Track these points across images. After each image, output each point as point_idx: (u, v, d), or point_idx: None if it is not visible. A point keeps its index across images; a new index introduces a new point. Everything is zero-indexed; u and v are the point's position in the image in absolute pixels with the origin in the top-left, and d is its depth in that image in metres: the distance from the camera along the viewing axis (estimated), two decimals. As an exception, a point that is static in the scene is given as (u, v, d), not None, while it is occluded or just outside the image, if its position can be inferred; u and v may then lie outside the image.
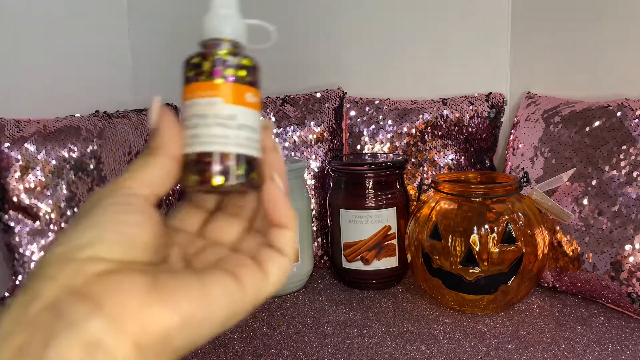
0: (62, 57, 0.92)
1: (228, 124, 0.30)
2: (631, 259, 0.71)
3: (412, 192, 0.94)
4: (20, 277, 0.78)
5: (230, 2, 0.34)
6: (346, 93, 0.99)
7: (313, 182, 0.95)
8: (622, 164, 0.74)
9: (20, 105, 0.86)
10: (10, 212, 0.78)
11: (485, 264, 0.71)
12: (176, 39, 1.02)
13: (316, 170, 0.95)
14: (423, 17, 0.98)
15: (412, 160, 0.95)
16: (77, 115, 0.87)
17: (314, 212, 0.94)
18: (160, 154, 0.29)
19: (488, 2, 0.96)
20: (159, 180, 0.29)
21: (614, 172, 0.74)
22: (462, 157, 0.94)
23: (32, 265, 0.78)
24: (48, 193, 0.79)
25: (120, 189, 0.27)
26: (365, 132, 0.95)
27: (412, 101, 0.97)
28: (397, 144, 0.95)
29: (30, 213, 0.79)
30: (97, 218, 0.25)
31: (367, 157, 0.90)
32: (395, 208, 0.82)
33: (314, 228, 0.94)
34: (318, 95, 0.97)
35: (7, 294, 0.77)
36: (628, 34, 0.81)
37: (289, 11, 1.01)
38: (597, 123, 0.78)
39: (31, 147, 0.79)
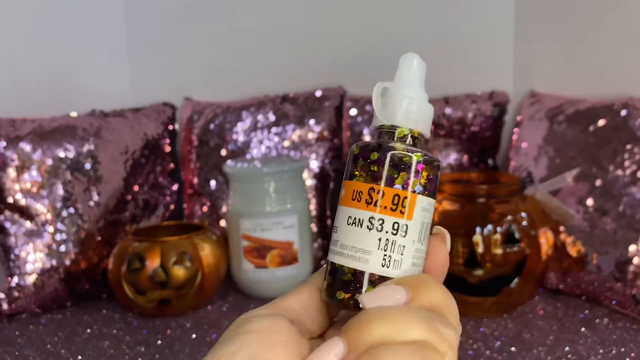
0: (58, 55, 0.91)
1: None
2: (636, 259, 0.70)
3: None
4: (15, 279, 0.77)
5: (417, 79, 0.28)
6: (347, 91, 0.98)
7: (313, 182, 0.94)
8: (627, 163, 0.73)
9: (15, 104, 0.85)
10: (6, 212, 0.77)
11: (488, 265, 0.70)
12: (174, 37, 1.01)
13: (316, 170, 0.94)
14: (425, 15, 0.97)
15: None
16: (73, 114, 0.86)
17: (314, 213, 0.93)
18: (310, 283, 0.28)
19: (490, -1, 0.95)
20: (307, 308, 0.27)
21: (619, 171, 0.73)
22: (465, 157, 0.93)
23: (28, 266, 0.77)
24: (44, 193, 0.78)
25: (273, 311, 0.26)
26: (366, 131, 0.94)
27: (413, 100, 0.95)
28: (398, 143, 0.94)
29: (25, 213, 0.78)
30: (245, 350, 0.24)
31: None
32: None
33: (314, 229, 0.93)
34: (318, 93, 0.96)
35: (2, 295, 0.76)
36: (633, 32, 0.80)
37: (289, 9, 1.00)
38: (601, 122, 0.77)
39: (27, 147, 0.78)
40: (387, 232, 0.26)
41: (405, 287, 0.24)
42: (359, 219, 0.26)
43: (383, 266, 0.25)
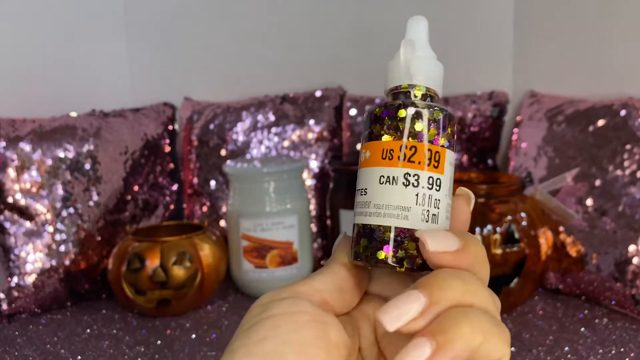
0: (58, 55, 0.91)
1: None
2: (635, 259, 0.70)
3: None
4: (15, 279, 0.77)
5: (426, 41, 0.30)
6: (346, 91, 0.98)
7: (313, 182, 0.94)
8: (626, 163, 0.73)
9: (15, 104, 0.85)
10: (6, 212, 0.77)
11: (488, 265, 0.70)
12: (174, 37, 1.01)
13: (316, 170, 0.94)
14: (425, 14, 0.97)
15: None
16: (73, 114, 0.86)
17: (313, 213, 0.93)
18: (332, 262, 0.28)
19: (490, -1, 0.95)
20: (329, 286, 0.27)
21: (618, 171, 0.73)
22: (465, 157, 0.93)
23: (27, 266, 0.77)
24: (44, 193, 0.78)
25: (292, 294, 0.26)
26: (365, 131, 0.94)
27: (413, 100, 0.95)
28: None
29: (25, 213, 0.78)
30: (273, 335, 0.24)
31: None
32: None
33: (314, 229, 0.93)
34: (318, 93, 0.96)
35: (2, 295, 0.76)
36: (633, 32, 0.80)
37: (289, 9, 1.00)
38: (601, 122, 0.77)
39: (26, 147, 0.78)
40: (423, 187, 0.26)
41: (421, 290, 0.24)
42: (393, 177, 0.26)
43: (422, 221, 0.26)
